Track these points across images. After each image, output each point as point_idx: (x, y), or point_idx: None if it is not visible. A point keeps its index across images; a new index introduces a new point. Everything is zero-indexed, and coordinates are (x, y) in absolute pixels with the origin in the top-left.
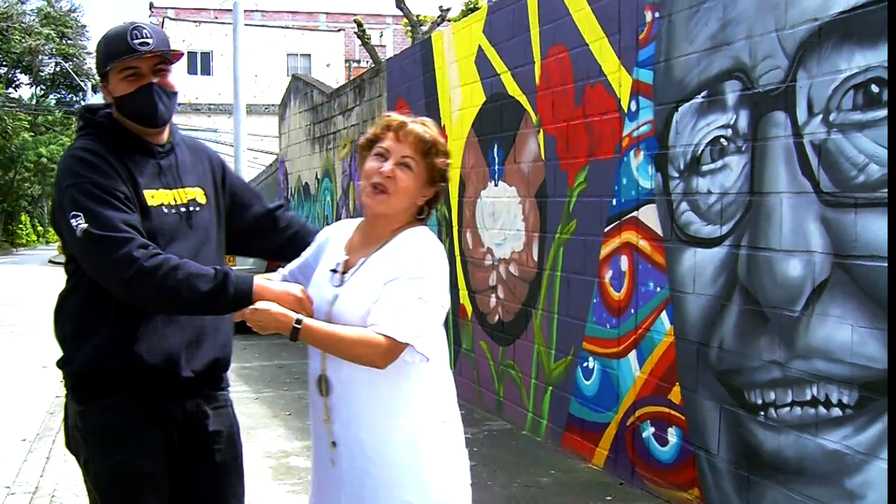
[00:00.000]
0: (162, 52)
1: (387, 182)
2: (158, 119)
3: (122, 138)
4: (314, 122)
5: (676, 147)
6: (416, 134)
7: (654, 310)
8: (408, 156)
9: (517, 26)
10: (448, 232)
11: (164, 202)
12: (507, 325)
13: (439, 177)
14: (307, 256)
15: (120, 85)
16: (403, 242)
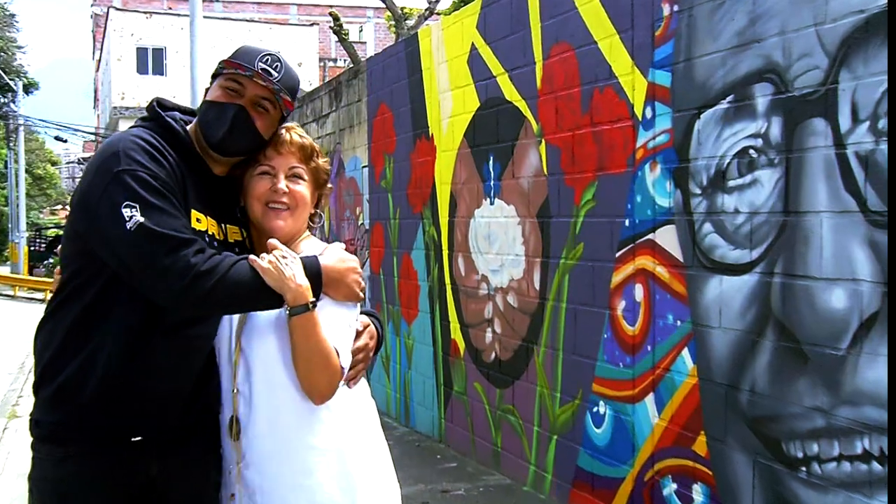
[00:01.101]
0: (274, 87)
1: (285, 199)
2: (221, 144)
3: (184, 147)
4: None
5: (698, 160)
6: (295, 143)
7: (675, 347)
8: (295, 166)
9: (516, 21)
10: (437, 257)
11: (211, 231)
12: (506, 365)
13: (325, 178)
14: None
15: (216, 91)
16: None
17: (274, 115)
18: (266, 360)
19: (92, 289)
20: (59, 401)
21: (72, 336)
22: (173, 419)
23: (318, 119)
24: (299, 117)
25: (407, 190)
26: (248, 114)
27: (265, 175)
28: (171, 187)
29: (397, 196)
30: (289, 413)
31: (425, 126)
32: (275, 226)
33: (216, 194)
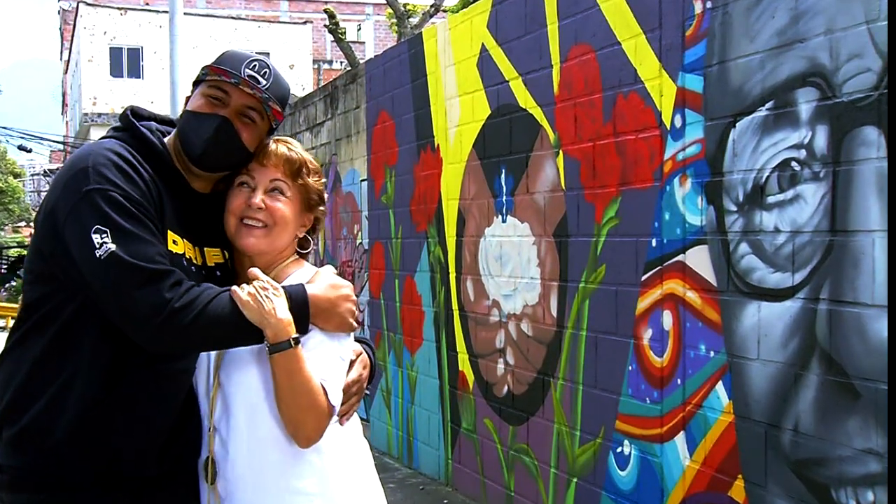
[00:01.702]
0: (262, 95)
1: (259, 214)
2: (201, 159)
3: (161, 162)
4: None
5: (734, 173)
6: (280, 155)
7: (707, 380)
8: (277, 179)
9: (531, 20)
10: (444, 280)
11: (188, 255)
12: (519, 399)
13: (317, 199)
14: None
15: (198, 100)
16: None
17: (261, 127)
18: (247, 395)
19: (60, 317)
20: (24, 443)
21: (38, 370)
22: (152, 461)
23: (312, 128)
24: (291, 126)
25: (410, 206)
26: (233, 125)
27: (243, 187)
28: (147, 209)
29: (399, 213)
30: (272, 454)
31: (430, 136)
32: (246, 244)
33: (196, 213)
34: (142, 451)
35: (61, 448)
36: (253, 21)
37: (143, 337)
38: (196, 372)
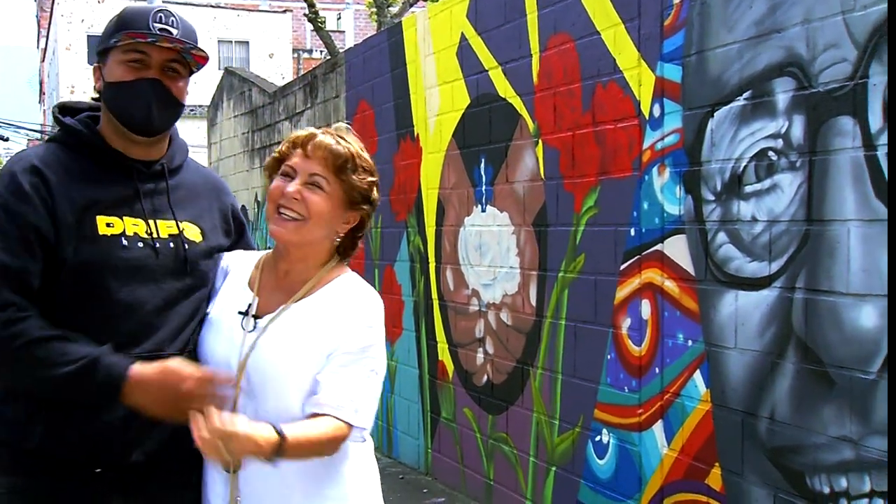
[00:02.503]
0: (183, 45)
1: (294, 205)
2: (147, 126)
3: (94, 150)
4: (253, 129)
5: (712, 162)
6: (326, 147)
7: (685, 369)
8: (316, 173)
9: (510, 10)
10: (423, 269)
11: (134, 232)
12: (499, 389)
13: (360, 198)
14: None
15: (117, 69)
16: (340, 299)
17: (185, 75)
18: (278, 392)
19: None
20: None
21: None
22: (133, 449)
23: (292, 117)
24: (271, 115)
25: (390, 195)
26: (163, 84)
27: (285, 177)
28: (23, 221)
29: (379, 202)
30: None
31: (410, 125)
32: (276, 232)
33: (146, 188)
34: (121, 437)
35: (43, 444)
36: (232, 10)
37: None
38: (209, 357)
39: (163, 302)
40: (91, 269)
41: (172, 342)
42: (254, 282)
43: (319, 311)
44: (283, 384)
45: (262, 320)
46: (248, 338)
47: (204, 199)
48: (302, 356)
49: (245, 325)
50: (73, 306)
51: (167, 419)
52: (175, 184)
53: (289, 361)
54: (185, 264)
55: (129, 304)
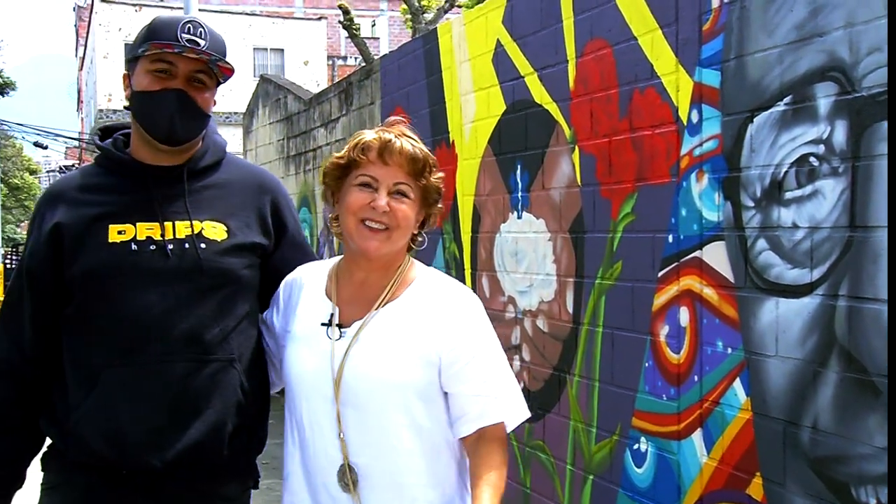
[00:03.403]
0: (209, 57)
1: (384, 218)
2: (170, 136)
3: (120, 164)
4: (289, 136)
5: (751, 168)
6: (406, 154)
7: (725, 377)
8: (401, 182)
9: (546, 15)
10: (459, 276)
11: (146, 236)
12: (535, 396)
13: (437, 196)
14: (267, 316)
15: (144, 78)
16: (433, 301)
17: (211, 87)
18: (380, 401)
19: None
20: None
21: (55, 374)
22: (155, 455)
23: (327, 124)
24: (306, 122)
25: None
26: (188, 95)
27: (365, 187)
28: (33, 263)
29: None
30: (416, 461)
31: (445, 132)
32: (368, 247)
33: (164, 194)
34: (127, 447)
35: (50, 430)
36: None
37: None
38: (304, 366)
39: (174, 303)
40: (99, 276)
41: (189, 345)
42: (331, 292)
43: (411, 315)
44: (383, 392)
45: (350, 328)
46: (337, 347)
47: (237, 197)
48: (399, 361)
49: (331, 334)
50: (85, 315)
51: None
52: (205, 184)
53: (386, 367)
54: (197, 263)
55: (137, 307)
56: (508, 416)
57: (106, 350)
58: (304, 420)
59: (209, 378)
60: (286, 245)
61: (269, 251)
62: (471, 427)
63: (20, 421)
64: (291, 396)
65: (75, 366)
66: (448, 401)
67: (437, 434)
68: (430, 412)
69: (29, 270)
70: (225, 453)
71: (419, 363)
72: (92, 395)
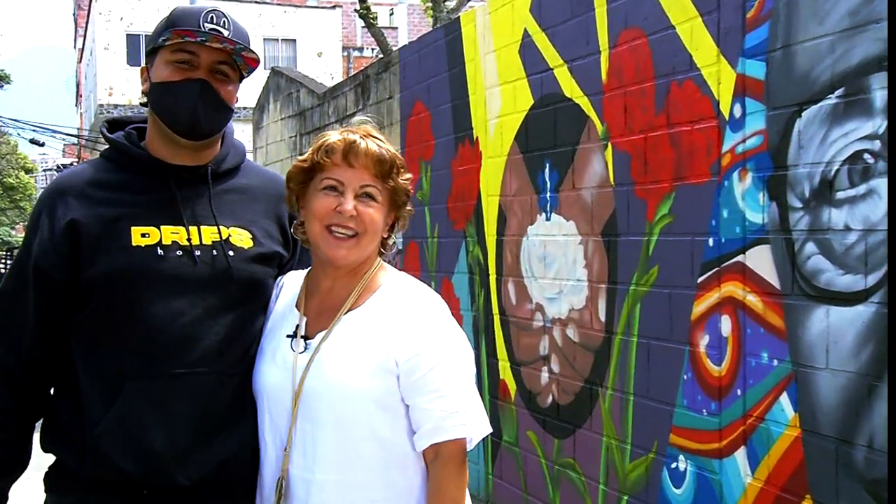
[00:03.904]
0: (234, 46)
1: (352, 224)
2: (192, 128)
3: (135, 161)
4: (301, 133)
5: (799, 167)
6: (372, 155)
7: (771, 391)
8: (368, 184)
9: (577, 3)
10: (483, 282)
11: (172, 240)
12: (565, 410)
13: (404, 198)
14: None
15: (165, 69)
16: (396, 307)
17: (234, 79)
18: (338, 414)
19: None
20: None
21: (61, 385)
22: (178, 473)
23: (342, 119)
24: (320, 117)
25: (447, 203)
26: (212, 86)
27: (331, 191)
28: (42, 254)
29: (436, 210)
30: (359, 481)
31: (469, 128)
32: (336, 255)
33: (188, 195)
34: (153, 464)
35: (66, 449)
36: (278, 5)
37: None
38: (270, 381)
39: (203, 313)
40: (122, 281)
41: (216, 357)
42: (300, 303)
43: (373, 322)
44: (342, 404)
45: (314, 340)
46: (299, 360)
47: (259, 203)
48: (357, 370)
49: (295, 346)
50: (106, 321)
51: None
52: (226, 187)
53: (344, 377)
54: (228, 272)
55: (164, 316)
56: (466, 432)
57: (128, 360)
58: (266, 434)
59: (233, 392)
60: (300, 258)
61: (286, 262)
62: (425, 442)
63: (17, 433)
64: (258, 410)
65: (92, 376)
66: (408, 412)
67: (401, 446)
68: (392, 423)
69: (37, 269)
70: (249, 470)
71: (377, 371)
72: (114, 408)
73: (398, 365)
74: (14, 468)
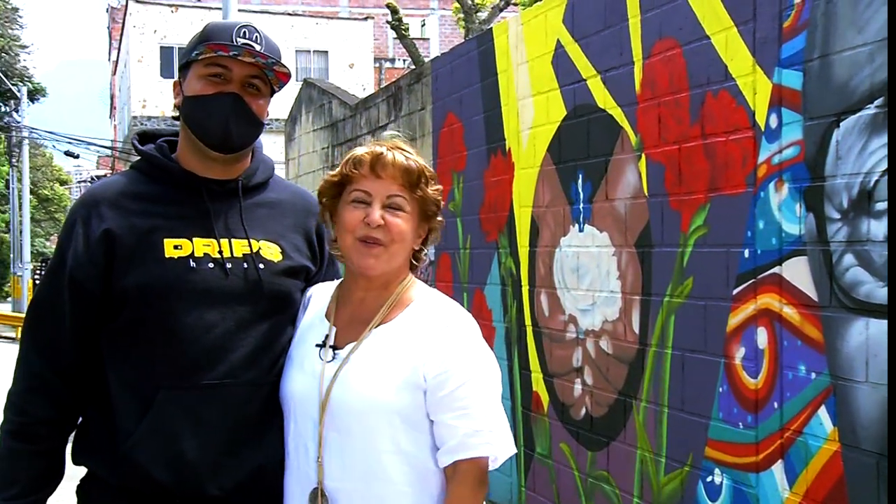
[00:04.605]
0: (266, 60)
1: (379, 233)
2: (224, 142)
3: (166, 173)
4: (333, 144)
5: (837, 177)
6: (398, 166)
7: (809, 404)
8: (395, 194)
9: (610, 13)
10: (516, 293)
11: (204, 253)
12: (599, 422)
13: (435, 209)
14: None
15: (197, 83)
16: (427, 323)
17: (265, 93)
18: (365, 426)
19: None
20: (84, 454)
21: (93, 395)
22: (210, 483)
23: (374, 131)
24: (352, 128)
25: (479, 214)
26: (244, 100)
27: (359, 204)
28: (84, 265)
29: (468, 221)
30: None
31: (501, 139)
32: (365, 265)
33: (220, 208)
34: (187, 474)
35: (100, 459)
36: (310, 17)
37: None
38: (297, 389)
39: (234, 325)
40: (156, 292)
41: (247, 368)
42: (330, 313)
43: (403, 337)
44: (368, 416)
45: (343, 350)
46: (327, 369)
47: (288, 218)
48: (385, 384)
49: (323, 355)
50: (139, 332)
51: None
52: (256, 201)
53: (371, 390)
54: (258, 284)
55: (196, 327)
56: (488, 450)
57: (161, 371)
58: (290, 441)
59: (263, 402)
60: (325, 271)
61: (313, 275)
62: (448, 458)
63: (55, 444)
64: (284, 417)
65: (124, 386)
66: (433, 428)
67: (424, 461)
68: (416, 438)
69: (73, 278)
70: (278, 479)
71: (404, 386)
72: (147, 419)
73: (426, 380)
74: (52, 480)
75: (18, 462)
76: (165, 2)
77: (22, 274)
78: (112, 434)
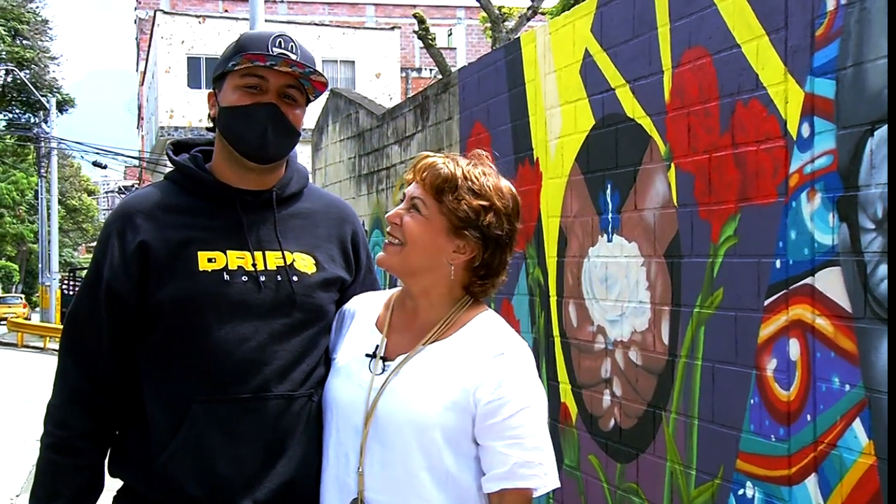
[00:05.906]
0: (303, 70)
1: (394, 230)
2: (262, 152)
3: (200, 184)
4: (360, 154)
5: (871, 187)
6: (429, 168)
7: (843, 417)
8: (416, 196)
9: (639, 23)
10: (543, 304)
11: (238, 266)
12: (628, 434)
13: (462, 222)
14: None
15: (234, 94)
16: (483, 347)
17: (302, 103)
18: (406, 439)
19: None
20: (119, 470)
21: (130, 409)
22: (247, 495)
23: (401, 141)
24: (379, 138)
25: None
26: (280, 110)
27: (400, 203)
28: (120, 278)
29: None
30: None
31: (529, 148)
32: (379, 258)
33: (254, 220)
34: (222, 489)
35: (135, 473)
36: (337, 27)
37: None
38: (343, 397)
39: (268, 338)
40: (190, 306)
41: (281, 381)
42: (382, 322)
43: (457, 357)
44: (412, 432)
45: (393, 362)
46: (376, 380)
47: (322, 228)
48: (432, 402)
49: (373, 367)
50: (173, 345)
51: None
52: (290, 212)
53: (418, 406)
54: (291, 297)
55: (230, 341)
56: (537, 482)
57: (195, 384)
58: (330, 449)
59: (296, 415)
60: (362, 280)
61: (348, 286)
62: (494, 486)
63: (95, 457)
64: (324, 425)
65: (158, 400)
66: (480, 453)
67: (463, 484)
68: (457, 459)
69: (110, 291)
70: (312, 491)
71: (452, 406)
72: (181, 433)
73: (477, 406)
74: (93, 493)
75: (61, 476)
76: (193, 13)
77: (50, 284)
78: (147, 448)
